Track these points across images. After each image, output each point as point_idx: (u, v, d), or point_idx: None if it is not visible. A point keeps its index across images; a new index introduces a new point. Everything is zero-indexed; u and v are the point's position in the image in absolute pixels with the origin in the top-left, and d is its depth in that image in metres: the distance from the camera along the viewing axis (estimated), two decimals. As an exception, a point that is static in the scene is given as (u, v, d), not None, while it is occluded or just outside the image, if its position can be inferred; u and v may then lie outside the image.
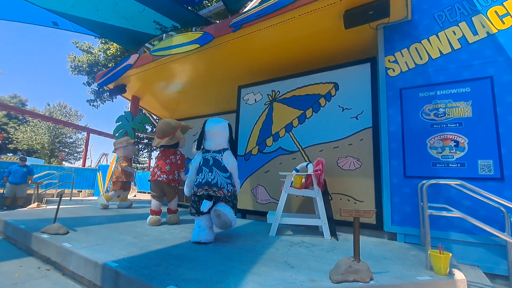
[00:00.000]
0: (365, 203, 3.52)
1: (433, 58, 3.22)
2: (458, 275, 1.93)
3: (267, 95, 4.84)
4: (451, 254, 1.96)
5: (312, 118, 4.22)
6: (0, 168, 8.54)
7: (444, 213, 2.23)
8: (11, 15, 5.67)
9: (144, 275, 1.74)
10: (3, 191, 7.10)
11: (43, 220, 3.55)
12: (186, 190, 3.08)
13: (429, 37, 3.29)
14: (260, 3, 4.02)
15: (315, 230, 3.58)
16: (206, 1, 9.68)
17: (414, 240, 3.00)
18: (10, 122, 30.03)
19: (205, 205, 2.71)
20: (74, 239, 2.66)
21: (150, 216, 3.71)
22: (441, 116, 3.05)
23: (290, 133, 4.39)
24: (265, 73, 5.16)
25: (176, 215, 3.92)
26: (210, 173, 2.83)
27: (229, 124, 3.13)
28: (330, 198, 3.66)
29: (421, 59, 3.28)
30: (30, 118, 25.83)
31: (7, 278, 2.17)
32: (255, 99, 5.00)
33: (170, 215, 3.88)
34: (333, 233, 3.18)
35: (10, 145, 27.91)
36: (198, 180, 2.87)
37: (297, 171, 3.69)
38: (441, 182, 2.43)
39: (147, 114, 8.39)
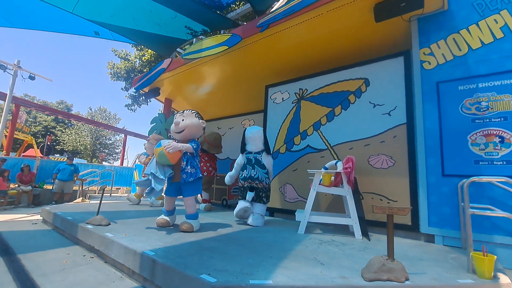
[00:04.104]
0: (399, 203, 3.36)
1: (473, 48, 2.99)
2: (504, 278, 1.78)
3: (295, 93, 4.83)
4: (495, 257, 1.82)
5: (341, 116, 4.13)
6: (49, 167, 9.43)
7: (488, 213, 2.08)
8: (59, 27, 6.28)
9: (179, 264, 1.83)
10: (53, 187, 7.84)
11: (87, 213, 3.86)
12: (228, 179, 4.07)
13: (468, 27, 3.07)
14: (286, 2, 4.03)
15: (345, 230, 3.50)
16: (234, 5, 9.88)
17: (454, 243, 2.81)
18: (57, 126, 33.04)
19: (249, 195, 3.61)
20: (115, 230, 2.88)
21: (205, 204, 5.10)
22: (484, 110, 2.82)
23: (318, 131, 4.33)
24: (293, 72, 5.15)
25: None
26: (253, 170, 3.68)
27: (263, 130, 3.97)
28: (361, 197, 3.55)
29: (460, 50, 3.07)
30: (75, 121, 28.21)
31: (56, 264, 2.41)
32: (283, 98, 5.01)
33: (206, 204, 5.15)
34: (364, 233, 3.09)
35: (57, 147, 30.68)
36: (243, 175, 3.72)
37: (326, 169, 3.64)
38: (483, 180, 2.26)
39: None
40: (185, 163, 3.07)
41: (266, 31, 4.20)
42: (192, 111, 3.39)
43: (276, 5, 5.88)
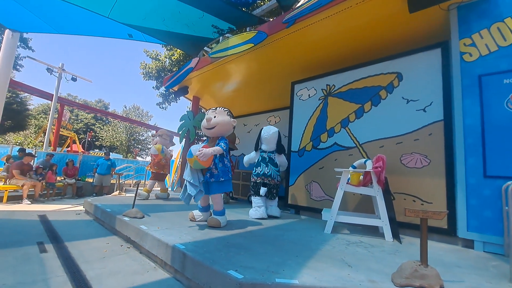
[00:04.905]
0: (435, 205, 3.17)
1: (521, 38, 2.71)
2: (556, 293, 1.62)
3: (322, 89, 4.72)
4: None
5: (371, 112, 3.97)
6: (90, 162, 10.20)
7: (538, 220, 1.89)
8: (96, 31, 6.71)
9: (207, 259, 1.91)
10: (93, 180, 8.48)
11: (124, 205, 4.14)
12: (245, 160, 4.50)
13: (516, 14, 2.77)
14: (314, -4, 3.93)
15: (374, 231, 3.39)
16: (259, 1, 9.84)
17: (496, 250, 2.60)
18: (96, 123, 35.51)
19: (263, 190, 3.92)
20: (148, 222, 3.06)
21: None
22: (535, 106, 2.56)
23: (347, 128, 4.21)
24: (320, 68, 5.03)
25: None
26: (266, 167, 4.03)
27: (279, 132, 4.22)
28: (392, 198, 3.40)
29: (505, 40, 2.79)
30: (111, 119, 30.11)
31: (98, 253, 2.62)
32: (309, 95, 4.92)
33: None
34: (395, 235, 2.96)
35: (96, 142, 33.01)
36: (257, 172, 4.06)
37: (354, 167, 3.53)
38: (533, 183, 2.05)
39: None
40: (213, 165, 3.09)
41: (292, 27, 4.14)
42: (225, 109, 3.39)
43: (302, 0, 5.76)
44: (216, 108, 3.39)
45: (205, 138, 3.46)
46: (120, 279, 2.03)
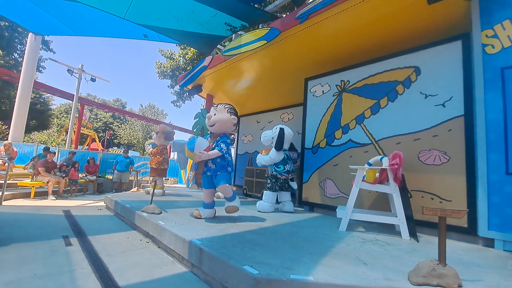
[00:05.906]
0: (454, 203, 3.08)
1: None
2: None
3: (336, 85, 4.66)
4: None
5: (387, 108, 3.89)
6: (109, 159, 10.56)
7: None
8: (113, 32, 6.90)
9: (223, 254, 1.96)
10: (113, 177, 8.79)
11: (142, 201, 4.28)
12: (267, 162, 4.47)
13: (542, 3, 2.62)
14: (327, -10, 3.87)
15: (390, 229, 3.34)
16: (272, -4, 9.75)
17: (519, 249, 2.51)
18: (115, 122, 36.61)
19: (295, 184, 4.42)
20: (166, 218, 3.16)
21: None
22: None
23: (362, 124, 4.14)
24: (333, 63, 4.96)
25: None
26: (289, 165, 4.41)
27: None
28: (409, 196, 3.33)
29: (531, 30, 2.65)
30: (129, 117, 30.95)
31: (119, 247, 2.75)
32: (323, 91, 4.87)
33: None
34: (412, 234, 2.91)
35: (115, 140, 34.08)
36: (286, 169, 4.36)
37: (370, 165, 3.48)
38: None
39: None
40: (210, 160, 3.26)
41: (305, 22, 4.09)
42: (226, 106, 3.35)
43: (316, -6, 5.67)
44: (217, 105, 3.38)
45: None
46: (140, 272, 2.12)
